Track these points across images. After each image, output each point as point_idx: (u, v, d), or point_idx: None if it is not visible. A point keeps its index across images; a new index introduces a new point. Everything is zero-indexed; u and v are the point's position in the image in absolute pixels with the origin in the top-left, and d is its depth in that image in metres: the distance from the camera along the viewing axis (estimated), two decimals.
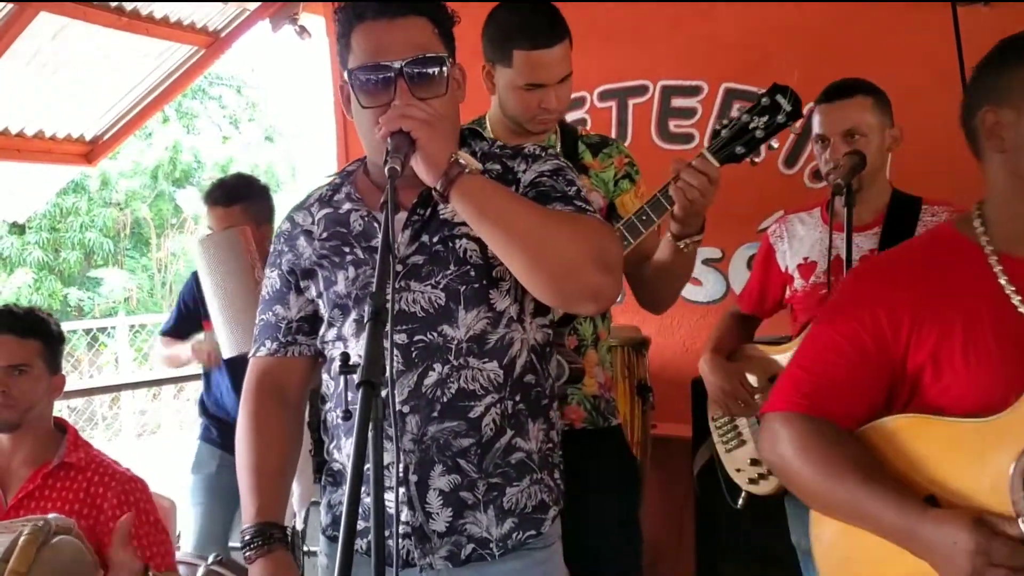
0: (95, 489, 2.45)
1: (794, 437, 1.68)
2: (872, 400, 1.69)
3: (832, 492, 1.64)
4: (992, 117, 1.63)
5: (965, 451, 1.56)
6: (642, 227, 2.35)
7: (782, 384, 1.77)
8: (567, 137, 2.62)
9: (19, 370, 2.49)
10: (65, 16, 5.05)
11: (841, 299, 1.80)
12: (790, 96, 2.20)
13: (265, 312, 1.93)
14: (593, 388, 2.58)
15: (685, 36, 4.12)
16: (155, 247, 17.27)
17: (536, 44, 2.39)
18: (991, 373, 1.56)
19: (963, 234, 1.69)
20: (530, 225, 1.64)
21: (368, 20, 1.73)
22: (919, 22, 3.62)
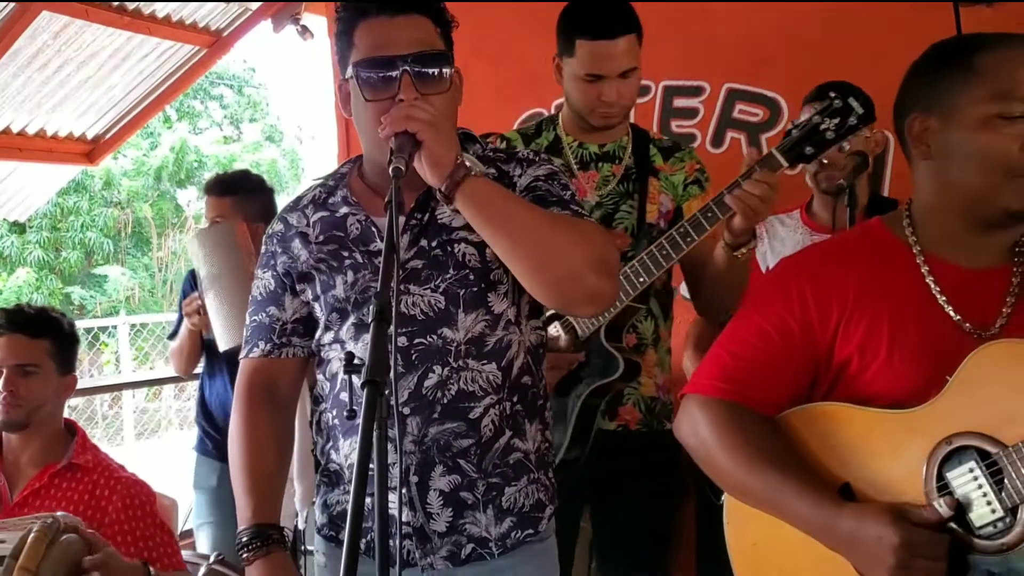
0: (100, 492, 2.46)
1: (714, 423, 1.70)
2: (794, 387, 1.71)
3: (749, 481, 1.66)
4: (919, 124, 1.65)
5: (883, 440, 1.59)
6: (707, 223, 2.33)
7: (706, 366, 1.77)
8: (639, 139, 2.63)
9: (28, 370, 2.49)
10: (67, 15, 5.05)
11: (771, 286, 1.81)
12: (863, 99, 2.20)
13: (258, 313, 1.93)
14: (651, 389, 2.59)
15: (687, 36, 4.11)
16: (156, 246, 17.28)
17: (598, 35, 2.41)
18: (914, 368, 1.59)
19: (893, 232, 1.71)
20: (534, 229, 1.65)
21: (372, 17, 1.74)
22: (921, 22, 3.61)
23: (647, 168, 2.58)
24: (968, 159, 1.60)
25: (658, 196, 2.58)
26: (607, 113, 2.50)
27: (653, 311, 2.61)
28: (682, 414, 1.78)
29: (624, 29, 2.42)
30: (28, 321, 2.53)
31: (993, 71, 1.57)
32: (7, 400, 2.46)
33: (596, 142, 2.60)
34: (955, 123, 1.60)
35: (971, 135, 1.59)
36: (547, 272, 1.65)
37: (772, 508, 1.65)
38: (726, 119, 4.05)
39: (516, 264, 1.67)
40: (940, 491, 1.53)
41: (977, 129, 1.58)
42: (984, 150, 1.58)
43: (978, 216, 1.62)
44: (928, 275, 1.64)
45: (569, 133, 2.62)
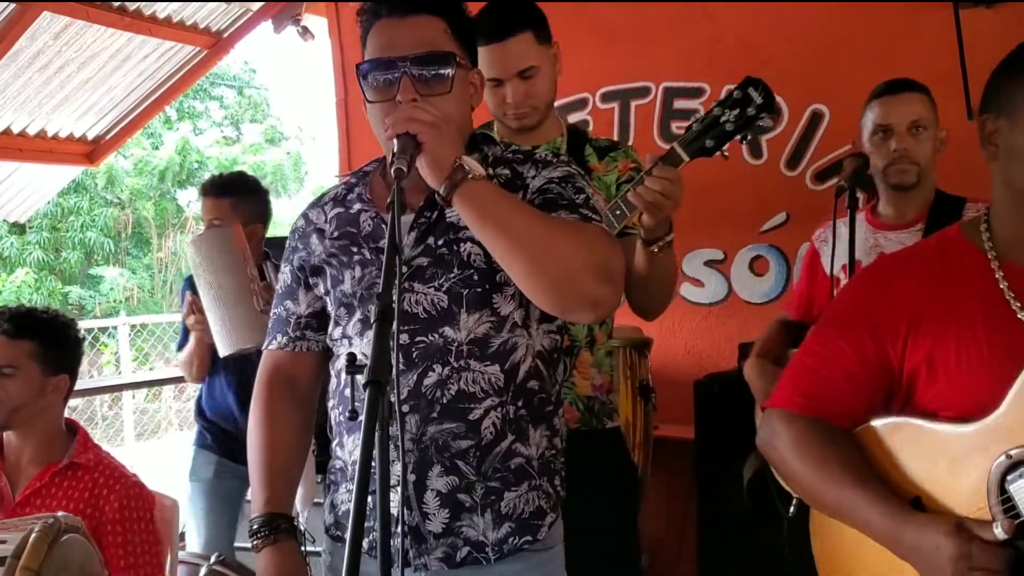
0: (99, 490, 2.46)
1: (791, 436, 1.73)
2: (870, 401, 1.72)
3: (825, 492, 1.69)
4: (990, 125, 1.65)
5: (948, 455, 1.60)
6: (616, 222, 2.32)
7: (785, 381, 1.80)
8: (574, 139, 2.62)
9: (5, 371, 2.48)
10: (68, 16, 5.06)
11: (845, 301, 1.83)
12: (761, 89, 2.19)
13: (278, 306, 1.96)
14: (586, 389, 2.57)
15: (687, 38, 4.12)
16: (156, 247, 17.29)
17: (487, 39, 2.39)
18: (983, 377, 1.59)
19: (969, 239, 1.70)
20: (531, 232, 1.64)
21: (383, 18, 1.76)
22: (921, 24, 3.62)
23: (581, 168, 2.57)
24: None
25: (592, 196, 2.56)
26: (516, 115, 2.49)
27: None
28: (763, 428, 1.82)
29: (514, 29, 2.40)
30: (9, 322, 2.53)
31: None
32: None
33: (529, 143, 2.58)
34: (1020, 124, 1.61)
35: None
36: (543, 276, 1.64)
37: (844, 517, 1.69)
38: None
39: (512, 267, 1.66)
40: (1003, 503, 1.53)
41: None
42: None
43: None
44: (1001, 279, 1.64)
45: (503, 138, 2.60)
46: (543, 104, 2.52)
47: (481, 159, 1.79)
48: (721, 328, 3.11)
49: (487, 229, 1.65)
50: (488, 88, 2.46)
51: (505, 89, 2.45)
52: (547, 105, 2.55)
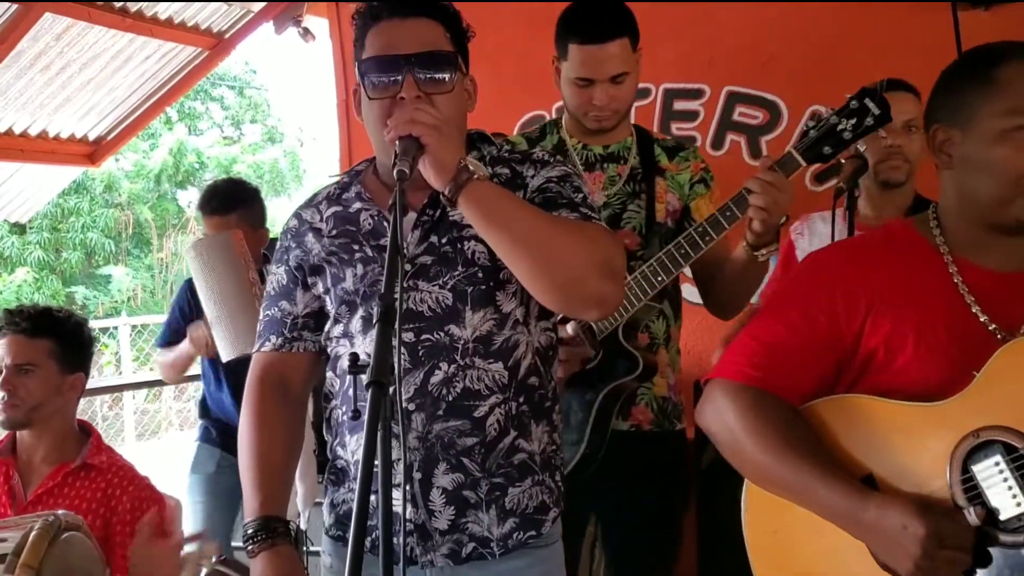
0: (113, 491, 2.48)
1: (738, 408, 1.71)
2: (820, 377, 1.72)
3: (774, 469, 1.67)
4: (942, 135, 1.68)
5: (908, 432, 1.61)
6: (725, 223, 2.35)
7: (733, 352, 1.79)
8: (643, 139, 2.65)
9: (25, 369, 2.50)
10: (69, 17, 5.06)
11: (800, 278, 1.84)
12: (879, 100, 2.21)
13: (270, 308, 1.95)
14: (663, 389, 2.60)
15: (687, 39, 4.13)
16: (156, 247, 17.30)
17: (587, 39, 2.42)
18: (940, 364, 1.61)
19: (921, 234, 1.73)
20: (536, 232, 1.66)
21: (382, 20, 1.78)
22: (920, 26, 3.64)
23: (653, 168, 2.60)
24: (983, 171, 1.63)
25: (665, 195, 2.59)
26: (599, 116, 2.52)
27: (665, 311, 2.62)
28: (706, 400, 1.79)
29: (614, 34, 2.42)
30: (26, 321, 2.55)
31: (1012, 85, 1.60)
32: (6, 400, 2.48)
33: (600, 143, 2.62)
34: (973, 135, 1.63)
35: (987, 148, 1.62)
36: (549, 275, 1.66)
37: (797, 496, 1.67)
38: (726, 122, 4.08)
39: (518, 267, 1.68)
40: (964, 483, 1.55)
41: (993, 142, 1.61)
42: (998, 163, 1.60)
43: (995, 225, 1.65)
44: (956, 277, 1.67)
45: (572, 135, 2.64)
46: (625, 108, 2.56)
47: (478, 159, 1.81)
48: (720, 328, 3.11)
49: (492, 229, 1.67)
50: (575, 86, 2.50)
51: (593, 90, 2.47)
52: (628, 109, 2.59)
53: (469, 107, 1.87)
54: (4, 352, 2.52)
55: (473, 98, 1.89)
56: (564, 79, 2.52)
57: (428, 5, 1.79)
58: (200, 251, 3.17)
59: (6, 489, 2.48)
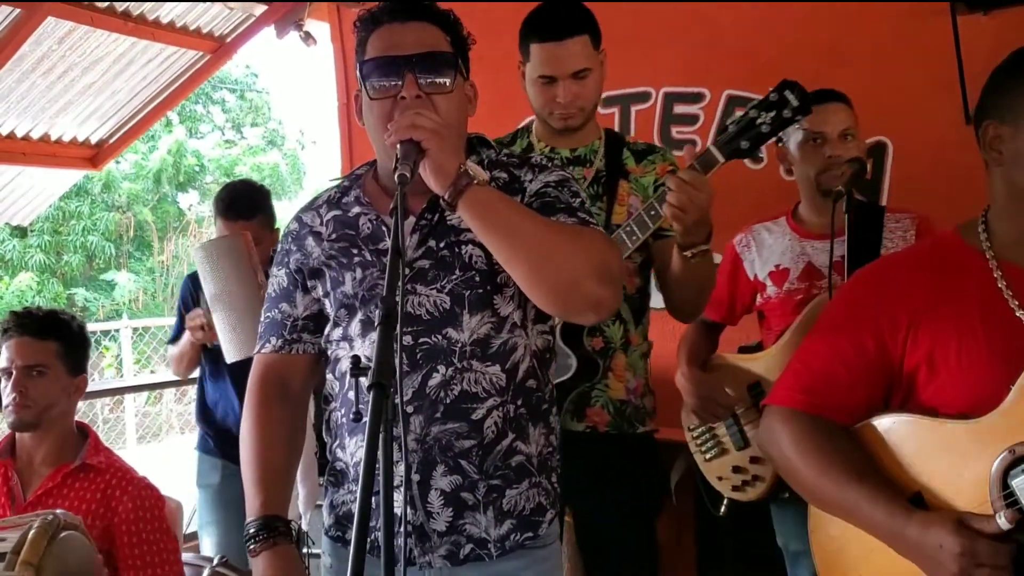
0: (112, 492, 2.49)
1: (791, 433, 1.75)
2: (869, 398, 1.75)
3: (826, 489, 1.71)
4: (993, 131, 1.68)
5: (951, 451, 1.62)
6: (639, 231, 2.38)
7: (784, 379, 1.83)
8: (612, 142, 2.66)
9: (36, 371, 2.52)
10: (72, 21, 5.08)
11: (844, 300, 1.86)
12: (798, 92, 2.23)
13: (271, 310, 1.97)
14: (620, 392, 2.60)
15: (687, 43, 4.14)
16: (157, 250, 17.31)
17: (547, 37, 2.45)
18: (983, 375, 1.61)
19: (967, 240, 1.73)
20: (535, 237, 1.67)
21: (384, 24, 1.80)
22: (919, 30, 3.64)
23: (618, 171, 2.60)
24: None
25: (628, 198, 2.59)
26: (564, 114, 2.53)
27: (622, 315, 2.61)
28: (763, 426, 1.84)
29: (574, 31, 2.45)
30: (36, 323, 2.57)
31: None
32: (17, 401, 2.49)
33: (567, 146, 2.63)
34: (1022, 128, 1.64)
35: None
36: (547, 280, 1.67)
37: (846, 514, 1.71)
38: None
39: (517, 271, 1.69)
40: (1006, 499, 1.54)
41: None
42: None
43: None
44: (1000, 279, 1.67)
45: (541, 139, 2.65)
46: (590, 106, 2.57)
47: (477, 162, 1.82)
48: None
49: (492, 234, 1.68)
50: (538, 86, 2.52)
51: (557, 88, 2.49)
52: (593, 108, 2.59)
53: (470, 112, 1.89)
54: (13, 354, 2.53)
55: (474, 103, 1.90)
56: (528, 80, 2.54)
57: (428, 10, 1.82)
58: (208, 252, 3.17)
59: (5, 491, 2.50)
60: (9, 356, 2.54)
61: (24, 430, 2.52)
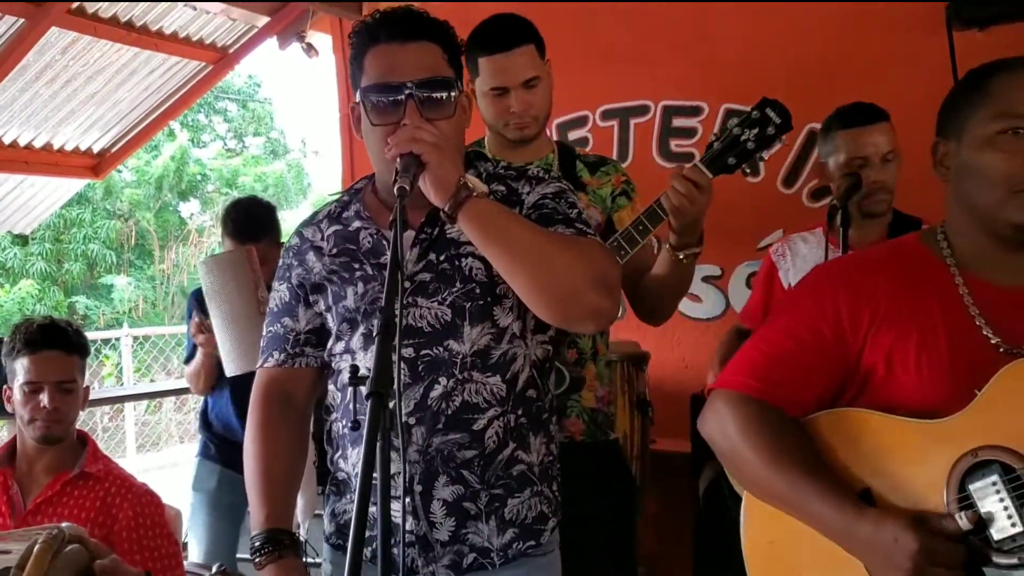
0: (111, 499, 2.50)
1: (741, 419, 1.72)
2: (822, 390, 1.73)
3: (773, 481, 1.67)
4: (942, 148, 1.70)
5: (908, 448, 1.61)
6: (639, 236, 2.40)
7: (737, 362, 1.79)
8: (565, 155, 2.68)
9: (67, 387, 2.54)
10: (76, 31, 5.11)
11: (806, 289, 1.84)
12: (779, 109, 2.25)
13: (273, 324, 1.98)
14: (591, 401, 2.62)
15: (686, 57, 4.17)
16: (158, 258, 17.33)
17: (493, 49, 2.46)
18: (941, 381, 1.61)
19: (928, 248, 1.74)
20: (535, 248, 1.68)
21: (382, 43, 1.79)
22: (916, 45, 3.68)
23: (574, 183, 2.60)
24: (975, 177, 1.64)
25: (587, 210, 2.62)
26: (519, 124, 2.54)
27: None
28: (708, 409, 1.80)
29: (519, 41, 2.47)
30: (66, 338, 2.58)
31: (1000, 92, 1.62)
32: (50, 416, 2.50)
33: (522, 160, 2.64)
34: (966, 145, 1.65)
35: (977, 154, 1.63)
36: (548, 291, 1.69)
37: (793, 508, 1.67)
38: None
39: (517, 282, 1.71)
40: (961, 502, 1.54)
41: (982, 148, 1.62)
42: (987, 167, 1.62)
43: (993, 233, 1.65)
44: (963, 292, 1.66)
45: (494, 154, 2.66)
46: (543, 116, 2.58)
47: (475, 175, 1.82)
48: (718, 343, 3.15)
49: (492, 245, 1.70)
50: (490, 98, 2.53)
51: (509, 98, 2.50)
52: (545, 118, 2.60)
53: (466, 123, 1.90)
54: (46, 368, 2.54)
55: (469, 113, 1.91)
56: (479, 94, 2.55)
57: (426, 27, 1.82)
58: (212, 268, 3.18)
59: (5, 499, 2.49)
60: (39, 370, 2.53)
61: (52, 444, 2.53)
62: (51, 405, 2.49)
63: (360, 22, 1.86)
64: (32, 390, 2.51)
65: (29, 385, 2.52)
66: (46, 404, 2.49)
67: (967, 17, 3.49)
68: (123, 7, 5.17)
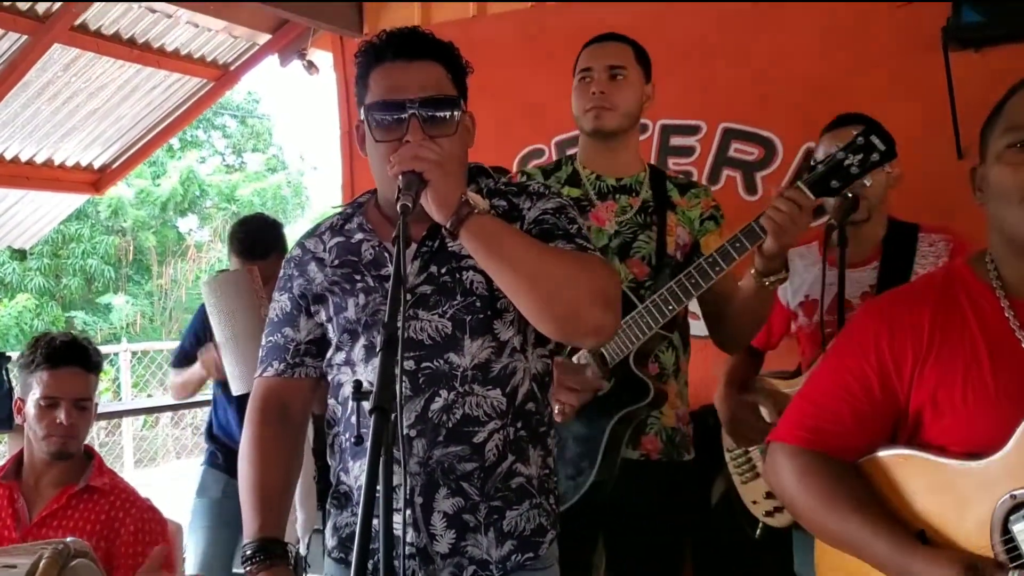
0: (116, 514, 2.52)
1: (795, 470, 1.75)
2: (873, 436, 1.74)
3: (831, 524, 1.71)
4: (978, 172, 1.72)
5: (952, 492, 1.62)
6: (735, 253, 2.42)
7: (789, 415, 1.83)
8: (656, 175, 2.74)
9: (84, 405, 2.56)
10: (78, 48, 5.14)
11: (850, 335, 1.85)
12: (884, 136, 2.29)
13: (273, 334, 2.00)
14: (671, 420, 2.65)
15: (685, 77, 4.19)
16: (156, 274, 17.32)
17: None
18: (989, 414, 1.61)
19: (977, 274, 1.73)
20: (536, 263, 1.71)
21: (386, 62, 1.83)
22: (912, 66, 3.70)
23: (665, 202, 2.67)
24: (993, 192, 1.66)
25: (675, 229, 2.66)
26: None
27: (675, 342, 2.67)
28: (768, 461, 1.84)
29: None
30: (86, 356, 2.60)
31: (1010, 108, 1.65)
32: (66, 432, 2.52)
33: (613, 175, 2.69)
34: (987, 163, 1.68)
35: (992, 170, 1.65)
36: (549, 305, 1.71)
37: (853, 550, 1.69)
38: (722, 157, 4.13)
39: (518, 298, 1.73)
40: (1006, 543, 1.55)
41: (994, 164, 1.65)
42: (998, 182, 1.63)
43: (1018, 250, 1.66)
44: (1010, 315, 1.66)
45: (586, 166, 2.71)
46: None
47: (476, 191, 1.85)
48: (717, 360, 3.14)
49: (493, 261, 1.72)
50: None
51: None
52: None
53: (469, 142, 1.93)
54: (65, 384, 2.55)
55: (472, 133, 1.94)
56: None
57: (430, 47, 1.85)
58: (215, 288, 3.20)
59: (11, 512, 2.51)
60: (58, 386, 2.54)
61: (64, 459, 2.55)
62: (67, 421, 2.50)
63: (366, 42, 1.89)
64: (49, 405, 2.52)
65: (47, 400, 2.53)
66: (63, 420, 2.50)
67: (963, 39, 3.52)
68: (126, 24, 5.20)
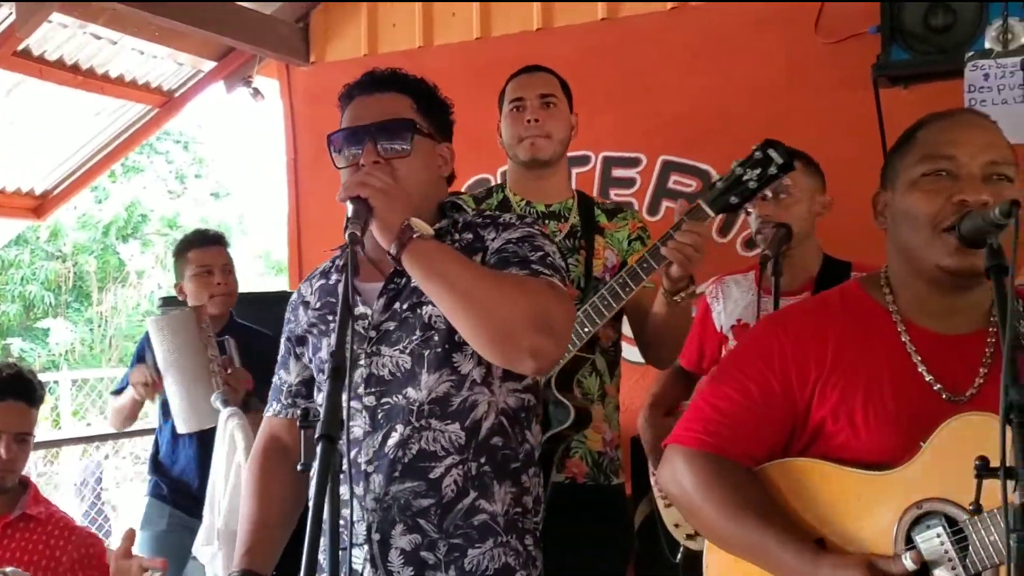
0: (55, 542, 2.50)
1: (696, 474, 1.76)
2: (773, 442, 1.79)
3: (732, 531, 1.73)
4: (880, 199, 1.80)
5: (857, 499, 1.67)
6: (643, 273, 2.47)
7: (688, 418, 1.84)
8: (584, 201, 2.81)
9: (24, 438, 2.54)
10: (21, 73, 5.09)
11: (753, 344, 1.89)
12: (782, 150, 2.34)
13: (275, 375, 2.08)
14: (598, 444, 2.67)
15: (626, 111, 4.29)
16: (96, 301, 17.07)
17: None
18: (888, 433, 1.67)
19: (872, 296, 1.80)
20: (470, 284, 1.72)
21: (355, 98, 1.91)
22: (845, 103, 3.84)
23: (593, 226, 2.73)
24: (903, 220, 1.71)
25: (603, 252, 2.72)
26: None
27: (598, 367, 2.69)
28: (664, 464, 1.84)
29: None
30: (30, 390, 2.57)
31: (924, 138, 1.71)
32: (5, 466, 2.50)
33: (542, 201, 2.75)
34: (897, 191, 1.73)
35: (904, 197, 1.70)
36: (484, 328, 1.71)
37: (753, 557, 1.71)
38: (661, 189, 4.23)
39: (456, 320, 1.74)
40: (908, 551, 1.58)
41: (908, 191, 1.70)
42: (912, 208, 1.68)
43: (928, 279, 1.71)
44: (907, 340, 1.72)
45: (516, 193, 2.76)
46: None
47: (450, 224, 1.89)
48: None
49: (432, 284, 1.73)
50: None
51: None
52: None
53: (437, 170, 1.96)
54: (6, 419, 2.53)
55: (448, 164, 1.97)
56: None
57: (398, 81, 1.91)
58: (161, 327, 3.19)
59: None
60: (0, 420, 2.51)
61: (2, 493, 2.53)
62: (7, 455, 2.49)
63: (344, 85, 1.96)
64: None
65: None
66: (2, 454, 2.48)
67: (892, 76, 3.67)
68: (70, 50, 5.17)
